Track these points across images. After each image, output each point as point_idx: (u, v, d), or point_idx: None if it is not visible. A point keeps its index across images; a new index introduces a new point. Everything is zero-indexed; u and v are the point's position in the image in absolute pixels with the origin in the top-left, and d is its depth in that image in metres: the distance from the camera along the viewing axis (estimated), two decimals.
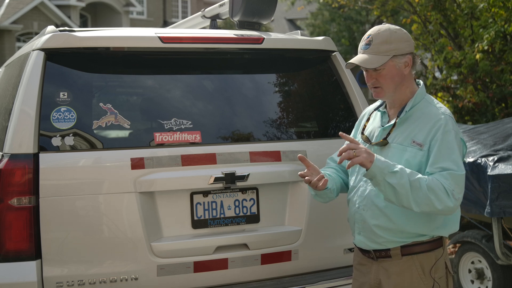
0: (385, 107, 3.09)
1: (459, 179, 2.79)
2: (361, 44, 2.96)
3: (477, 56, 7.26)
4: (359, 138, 3.12)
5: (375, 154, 2.79)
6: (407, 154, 2.87)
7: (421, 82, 3.04)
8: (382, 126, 3.02)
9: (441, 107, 2.95)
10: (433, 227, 2.90)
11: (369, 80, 2.95)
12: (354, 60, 2.92)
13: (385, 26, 2.96)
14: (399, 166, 2.77)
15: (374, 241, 2.95)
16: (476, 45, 7.19)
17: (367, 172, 2.78)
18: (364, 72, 2.98)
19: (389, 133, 2.95)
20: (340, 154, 2.81)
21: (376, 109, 3.14)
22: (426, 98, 2.99)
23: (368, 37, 2.93)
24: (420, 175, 2.77)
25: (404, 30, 2.98)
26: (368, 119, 3.15)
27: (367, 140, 3.04)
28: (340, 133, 2.94)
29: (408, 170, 2.77)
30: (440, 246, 2.95)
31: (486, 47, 7.05)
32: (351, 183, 3.08)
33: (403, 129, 2.93)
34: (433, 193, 2.73)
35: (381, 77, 2.91)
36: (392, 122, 2.97)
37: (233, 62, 3.85)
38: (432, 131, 2.85)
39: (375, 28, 2.96)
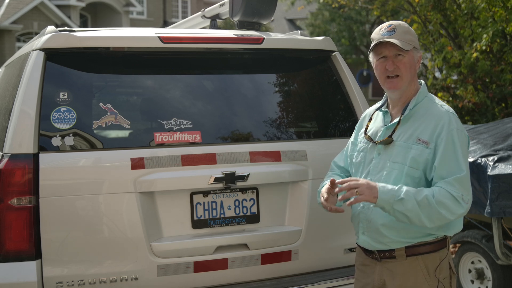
0: (387, 106, 3.09)
1: (465, 181, 2.81)
2: (383, 32, 2.94)
3: (474, 55, 7.25)
4: (361, 138, 3.12)
5: (377, 186, 2.79)
6: (412, 152, 2.87)
7: (423, 82, 3.06)
8: (385, 125, 3.02)
9: (444, 105, 2.96)
10: (438, 227, 2.90)
11: (390, 66, 2.93)
12: (388, 38, 2.90)
13: (400, 21, 3.02)
14: (404, 190, 2.78)
15: (378, 241, 2.95)
16: (475, 44, 7.19)
17: (375, 204, 2.81)
18: (379, 61, 2.96)
19: (393, 131, 2.96)
20: (340, 191, 2.83)
21: (378, 109, 3.14)
22: (428, 97, 3.00)
23: (390, 26, 2.95)
24: (426, 192, 2.77)
25: None
26: (370, 120, 3.15)
27: (370, 139, 3.04)
28: (331, 179, 2.94)
29: (413, 190, 2.78)
30: (444, 246, 2.96)
31: (484, 47, 7.04)
32: None
33: (407, 127, 2.94)
34: (443, 207, 2.75)
35: (402, 64, 2.92)
36: (396, 120, 2.97)
37: (233, 62, 3.85)
38: (437, 129, 2.85)
39: (394, 21, 3.00)
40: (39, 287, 3.13)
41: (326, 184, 3.00)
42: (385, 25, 2.98)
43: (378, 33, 2.96)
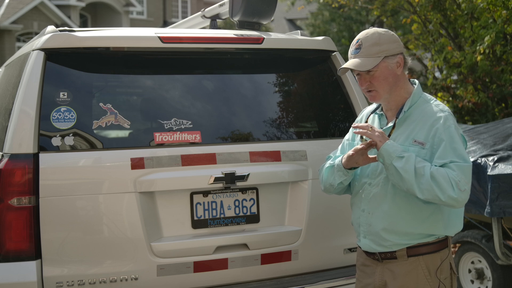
0: (382, 109, 3.09)
1: (466, 170, 2.79)
2: (351, 50, 2.95)
3: (478, 58, 7.25)
4: (357, 141, 3.11)
5: (389, 139, 2.83)
6: None
7: (416, 82, 3.04)
8: (381, 129, 3.01)
9: (439, 104, 2.95)
10: (438, 227, 2.90)
11: (363, 84, 2.94)
12: (347, 64, 2.92)
13: (372, 29, 2.97)
14: (410, 153, 2.80)
15: (380, 244, 2.95)
16: (478, 47, 7.18)
17: (377, 153, 2.83)
18: (357, 77, 2.97)
19: (389, 135, 2.95)
20: (357, 127, 2.89)
21: (373, 112, 3.13)
22: (423, 97, 2.99)
23: (357, 42, 2.93)
24: (426, 164, 2.78)
25: (392, 32, 2.98)
26: (365, 123, 3.14)
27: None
28: (354, 124, 2.99)
29: (417, 158, 2.79)
30: (445, 246, 2.95)
31: (487, 51, 7.04)
32: (355, 187, 3.08)
33: (403, 129, 2.93)
34: (435, 182, 2.73)
35: (374, 80, 2.91)
36: (391, 123, 2.97)
37: (233, 62, 3.85)
38: (433, 129, 2.85)
39: (363, 33, 2.97)
40: (39, 287, 3.13)
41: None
42: (354, 40, 2.96)
43: (350, 50, 2.96)
